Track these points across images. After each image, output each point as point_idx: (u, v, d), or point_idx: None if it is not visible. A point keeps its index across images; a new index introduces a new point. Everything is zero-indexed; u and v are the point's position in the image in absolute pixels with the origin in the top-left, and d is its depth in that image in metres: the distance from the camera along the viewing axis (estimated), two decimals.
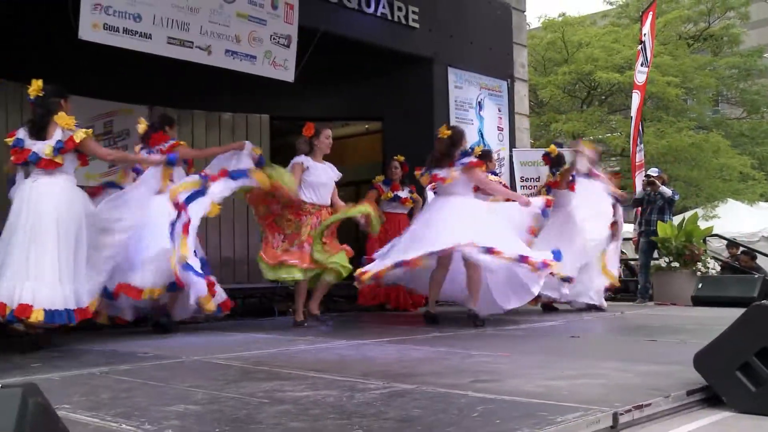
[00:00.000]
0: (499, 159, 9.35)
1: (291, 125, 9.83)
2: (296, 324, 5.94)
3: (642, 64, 11.82)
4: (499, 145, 9.48)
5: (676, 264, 8.70)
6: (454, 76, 9.03)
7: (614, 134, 19.88)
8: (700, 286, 8.15)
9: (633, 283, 9.07)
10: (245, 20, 6.90)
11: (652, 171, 9.66)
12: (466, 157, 5.98)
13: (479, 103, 9.33)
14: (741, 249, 12.58)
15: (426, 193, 6.97)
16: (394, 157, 7.82)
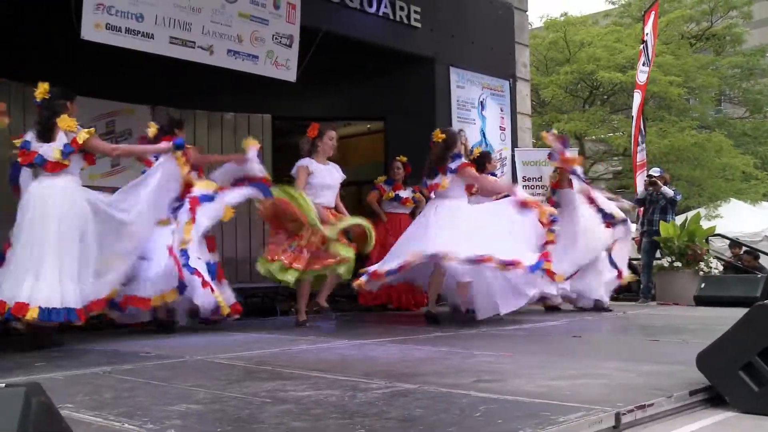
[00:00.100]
0: (501, 159, 9.35)
1: (293, 125, 9.85)
2: (298, 324, 5.94)
3: (644, 64, 11.82)
4: (501, 145, 9.47)
5: (679, 264, 8.70)
6: (456, 75, 9.03)
7: (616, 134, 19.86)
8: (703, 285, 8.14)
9: (635, 283, 9.06)
10: (247, 20, 6.91)
11: (654, 171, 9.65)
12: (456, 159, 6.00)
13: (481, 102, 9.32)
14: (744, 249, 12.58)
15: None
16: (397, 158, 7.83)
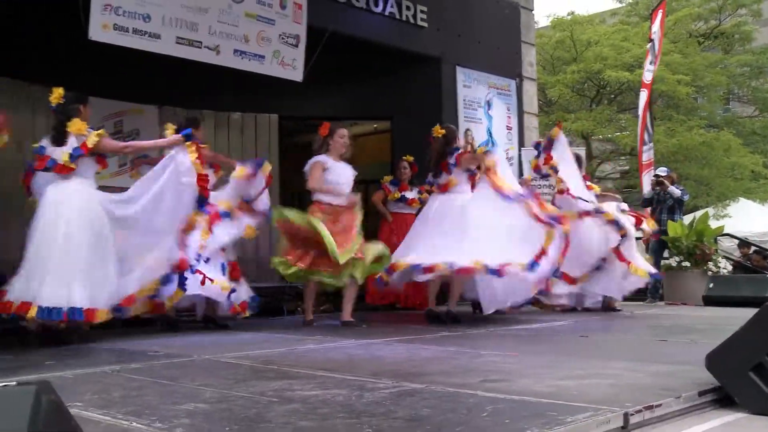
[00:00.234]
0: (508, 158, 9.33)
1: (299, 125, 9.87)
2: (306, 323, 5.95)
3: (651, 63, 11.77)
4: (507, 144, 9.45)
5: (687, 263, 8.67)
6: (462, 75, 9.02)
7: (623, 133, 19.79)
8: (711, 285, 8.11)
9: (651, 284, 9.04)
10: (254, 20, 6.92)
11: (661, 170, 9.63)
12: (454, 154, 6.05)
13: (488, 102, 9.31)
14: (753, 248, 12.53)
15: None
16: (403, 158, 7.82)
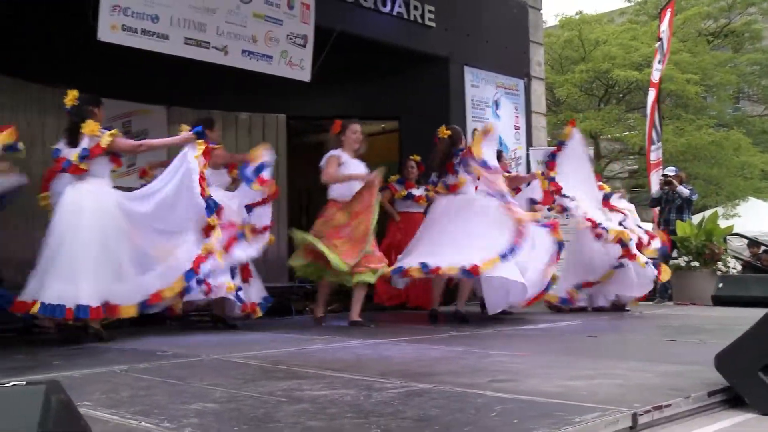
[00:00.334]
0: (515, 158, 9.32)
1: (307, 125, 9.88)
2: (316, 320, 5.95)
3: (659, 62, 11.72)
4: (515, 144, 9.44)
5: (696, 263, 8.62)
6: (470, 75, 9.00)
7: (632, 132, 19.73)
8: (721, 285, 8.07)
9: (662, 288, 9.01)
10: (262, 20, 6.93)
11: (669, 170, 9.59)
12: (459, 154, 6.07)
13: (496, 102, 9.29)
14: (762, 248, 12.46)
15: None
16: (410, 157, 7.81)
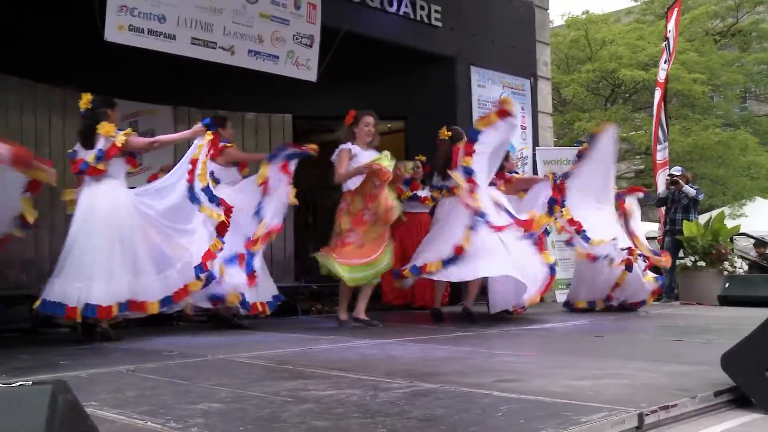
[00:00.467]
0: (522, 158, 9.30)
1: (313, 125, 9.89)
2: (339, 323, 5.80)
3: (665, 61, 11.69)
4: (522, 144, 9.42)
5: (703, 263, 8.60)
6: (476, 74, 8.99)
7: (638, 132, 19.67)
8: (727, 285, 8.04)
9: (668, 289, 8.99)
10: (268, 20, 6.94)
11: (675, 170, 9.57)
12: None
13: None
14: None
15: None
16: (416, 157, 7.82)
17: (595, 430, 2.28)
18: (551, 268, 6.07)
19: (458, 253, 5.72)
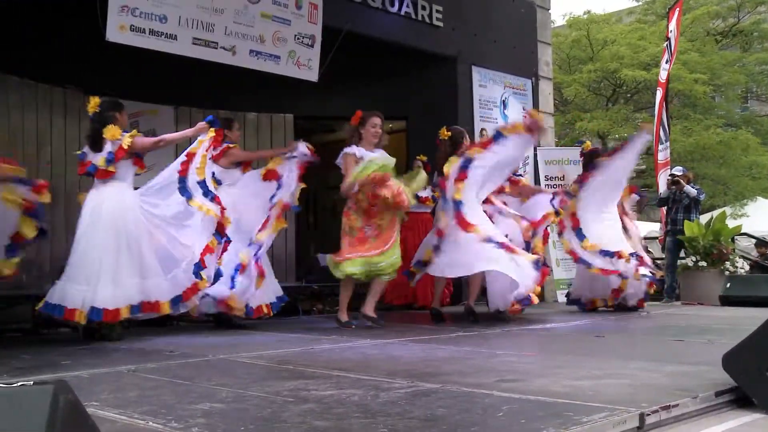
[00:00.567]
0: (523, 158, 9.29)
1: (315, 125, 9.89)
2: (341, 325, 5.73)
3: (666, 61, 11.69)
4: None
5: (704, 263, 8.60)
6: (478, 74, 8.99)
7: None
8: (728, 285, 8.04)
9: (659, 283, 8.99)
10: (269, 20, 6.94)
11: (677, 170, 9.57)
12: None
13: (504, 101, 9.28)
14: None
15: None
16: (417, 157, 7.81)
17: (597, 430, 2.28)
18: (536, 263, 6.00)
19: (439, 236, 5.81)
